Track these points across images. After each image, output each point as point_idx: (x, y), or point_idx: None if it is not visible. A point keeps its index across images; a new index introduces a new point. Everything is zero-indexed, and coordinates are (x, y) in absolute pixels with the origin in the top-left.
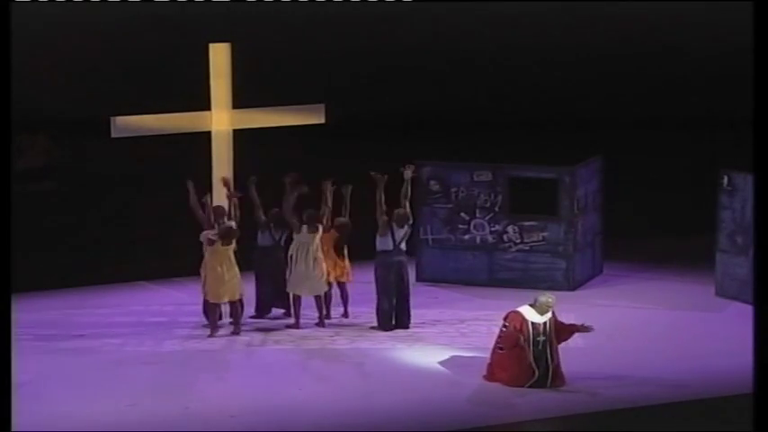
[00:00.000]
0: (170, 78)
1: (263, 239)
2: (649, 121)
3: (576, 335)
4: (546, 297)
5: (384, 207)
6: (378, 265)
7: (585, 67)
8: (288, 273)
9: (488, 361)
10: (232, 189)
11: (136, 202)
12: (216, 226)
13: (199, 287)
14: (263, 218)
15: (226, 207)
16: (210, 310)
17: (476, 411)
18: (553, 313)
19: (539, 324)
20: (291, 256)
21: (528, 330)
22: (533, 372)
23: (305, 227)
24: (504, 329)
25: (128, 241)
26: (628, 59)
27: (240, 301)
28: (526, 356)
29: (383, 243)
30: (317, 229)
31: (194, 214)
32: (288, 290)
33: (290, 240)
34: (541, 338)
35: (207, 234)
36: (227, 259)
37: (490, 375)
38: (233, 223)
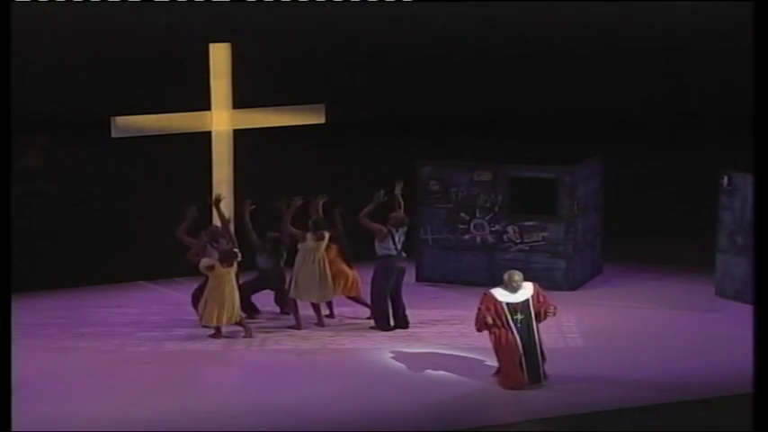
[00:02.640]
0: (170, 78)
1: (262, 261)
2: (649, 120)
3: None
4: (508, 274)
5: (368, 220)
6: (379, 269)
7: (585, 66)
8: (294, 281)
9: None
10: (226, 217)
11: (135, 202)
12: (211, 247)
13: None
14: (257, 241)
15: (220, 227)
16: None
17: (476, 411)
18: (537, 292)
19: (515, 303)
20: (298, 265)
21: (503, 311)
22: (521, 355)
23: (309, 234)
24: (477, 311)
25: (128, 241)
26: (628, 59)
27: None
28: (514, 345)
29: (385, 248)
30: (324, 237)
31: (180, 240)
32: (295, 297)
33: (290, 257)
34: (519, 317)
35: (204, 263)
36: (228, 282)
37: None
38: (234, 248)
